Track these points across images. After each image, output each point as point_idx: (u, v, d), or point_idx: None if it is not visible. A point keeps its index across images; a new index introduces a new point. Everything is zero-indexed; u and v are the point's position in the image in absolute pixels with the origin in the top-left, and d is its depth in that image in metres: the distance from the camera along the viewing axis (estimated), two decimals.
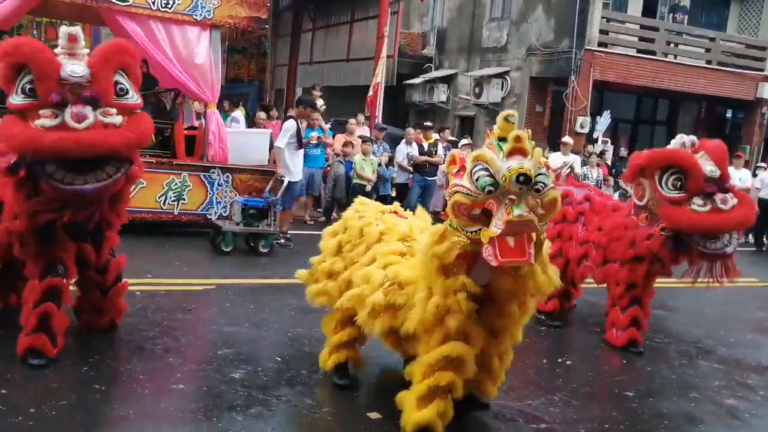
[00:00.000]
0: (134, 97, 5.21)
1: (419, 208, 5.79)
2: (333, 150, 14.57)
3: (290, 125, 11.16)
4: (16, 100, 4.94)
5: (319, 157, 13.92)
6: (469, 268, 4.37)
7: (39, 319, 5.25)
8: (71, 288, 5.72)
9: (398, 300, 4.65)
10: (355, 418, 4.97)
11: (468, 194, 4.10)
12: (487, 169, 4.05)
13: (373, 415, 4.99)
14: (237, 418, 4.74)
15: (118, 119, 4.98)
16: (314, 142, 13.60)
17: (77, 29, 5.17)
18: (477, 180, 4.06)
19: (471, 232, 4.16)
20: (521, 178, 3.95)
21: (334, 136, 15.04)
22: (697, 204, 6.69)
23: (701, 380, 6.83)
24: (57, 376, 5.10)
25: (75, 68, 4.91)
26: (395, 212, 5.58)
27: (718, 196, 6.67)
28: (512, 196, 3.98)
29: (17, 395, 4.77)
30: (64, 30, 5.13)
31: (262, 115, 15.15)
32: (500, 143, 4.12)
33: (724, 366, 7.28)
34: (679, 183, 6.81)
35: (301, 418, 4.90)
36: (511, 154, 4.05)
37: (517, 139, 4.06)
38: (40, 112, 4.85)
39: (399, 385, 5.53)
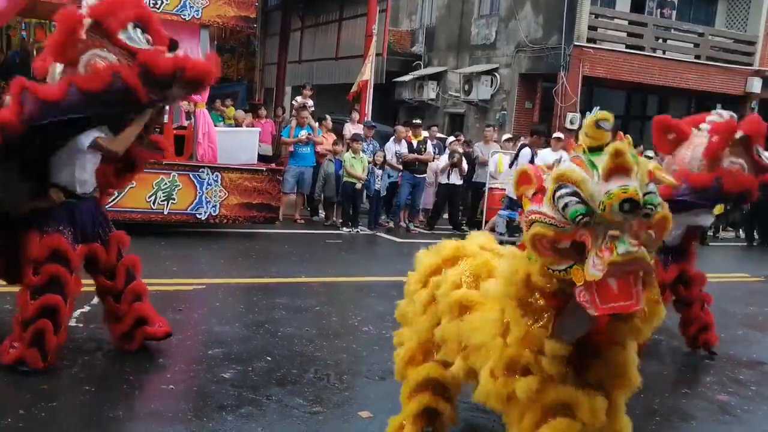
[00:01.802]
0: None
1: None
2: (321, 149, 14.56)
3: (527, 152, 12.99)
4: None
5: (309, 155, 13.94)
6: (558, 311, 3.37)
7: (33, 336, 5.11)
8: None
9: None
10: (346, 416, 4.96)
11: (552, 225, 3.15)
12: (576, 194, 3.09)
13: (364, 414, 4.98)
14: (227, 418, 4.72)
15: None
16: (304, 140, 13.61)
17: None
18: (564, 208, 3.10)
19: (559, 271, 3.21)
20: (626, 206, 3.00)
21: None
22: None
23: (692, 376, 6.85)
24: (46, 378, 5.07)
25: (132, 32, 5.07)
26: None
27: None
28: (614, 231, 3.03)
29: (6, 397, 4.74)
30: None
31: (240, 113, 15.24)
32: (591, 156, 3.18)
33: (715, 361, 7.29)
34: None
35: (291, 417, 4.88)
36: (610, 174, 3.07)
37: (617, 154, 3.06)
38: None
39: (389, 384, 5.54)
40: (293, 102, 17.82)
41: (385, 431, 4.32)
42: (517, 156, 13.80)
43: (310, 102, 15.96)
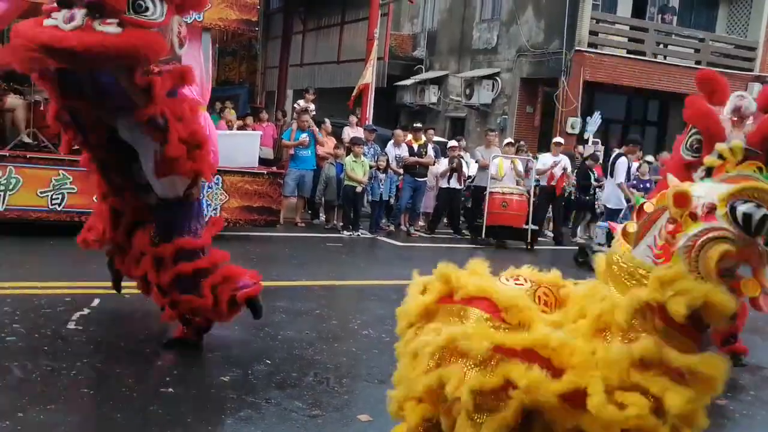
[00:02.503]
0: (155, 15, 4.95)
1: None
2: (322, 152, 14.57)
3: (623, 162, 13.52)
4: None
5: (309, 158, 13.94)
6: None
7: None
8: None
9: None
10: (345, 420, 4.96)
11: (734, 240, 2.91)
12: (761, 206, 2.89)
13: (363, 417, 4.98)
14: (226, 422, 4.72)
15: (112, 29, 4.76)
16: (306, 143, 13.63)
17: None
18: (749, 218, 2.88)
19: None
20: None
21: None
22: None
23: None
24: (45, 381, 5.07)
25: None
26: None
27: None
28: None
29: (4, 400, 4.73)
30: None
31: (228, 114, 15.26)
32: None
33: None
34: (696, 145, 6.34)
35: (290, 421, 4.88)
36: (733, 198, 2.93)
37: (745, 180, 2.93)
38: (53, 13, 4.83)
39: (389, 388, 5.53)
40: (295, 105, 17.83)
41: None
42: (613, 165, 13.80)
43: (312, 106, 15.96)
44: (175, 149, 5.33)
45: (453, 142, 15.53)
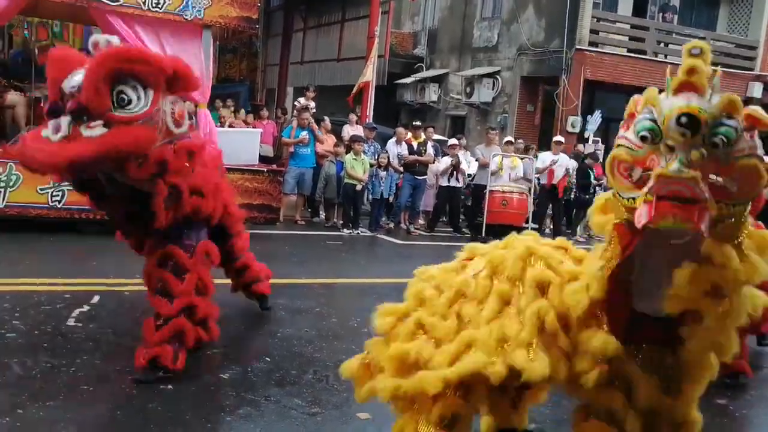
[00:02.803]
0: (138, 107, 4.73)
1: None
2: (322, 150, 14.56)
3: None
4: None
5: (309, 156, 13.94)
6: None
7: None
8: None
9: None
10: (345, 418, 4.96)
11: (629, 147, 3.00)
12: (650, 112, 2.94)
13: (363, 416, 4.97)
14: (226, 419, 4.72)
15: (98, 131, 4.59)
16: (306, 141, 13.64)
17: (102, 38, 4.96)
18: (636, 126, 2.97)
19: (627, 199, 3.00)
20: (683, 119, 2.78)
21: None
22: None
23: None
24: (44, 378, 5.07)
25: (74, 79, 4.67)
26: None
27: None
28: (671, 146, 2.83)
29: (4, 397, 4.73)
30: (92, 38, 5.01)
31: (224, 111, 15.24)
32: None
33: None
34: None
35: (290, 418, 4.88)
36: (679, 90, 2.91)
37: (691, 71, 2.93)
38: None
39: None
40: (295, 103, 17.84)
41: None
42: None
43: (313, 104, 15.96)
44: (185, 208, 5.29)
45: (453, 141, 15.53)
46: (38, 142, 4.63)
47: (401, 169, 14.66)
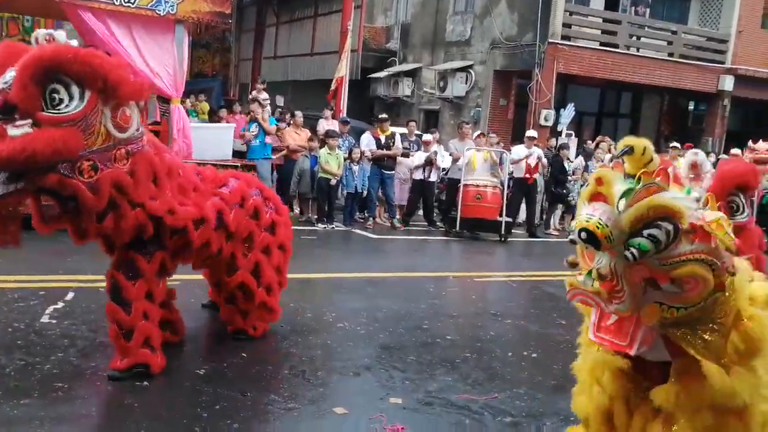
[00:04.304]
0: (69, 107, 4.51)
1: None
2: (294, 145, 14.53)
3: None
4: None
5: (259, 148, 13.78)
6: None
7: None
8: None
9: None
10: (321, 412, 4.97)
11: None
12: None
13: (339, 410, 4.99)
14: (202, 415, 4.72)
15: (24, 130, 4.40)
16: (254, 132, 13.59)
17: (42, 32, 4.74)
18: None
19: None
20: (582, 235, 2.81)
21: (277, 125, 14.86)
22: None
23: None
24: (19, 375, 5.05)
25: (8, 75, 4.47)
26: None
27: None
28: (573, 259, 3.04)
29: None
30: (37, 33, 4.76)
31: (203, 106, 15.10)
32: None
33: None
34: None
35: (266, 414, 4.89)
36: (590, 199, 2.92)
37: (598, 181, 2.91)
38: None
39: (364, 380, 5.58)
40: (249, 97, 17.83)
41: (359, 427, 4.33)
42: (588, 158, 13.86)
43: (264, 95, 15.80)
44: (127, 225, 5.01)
45: (428, 136, 15.54)
46: None
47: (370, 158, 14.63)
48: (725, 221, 2.96)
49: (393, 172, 14.86)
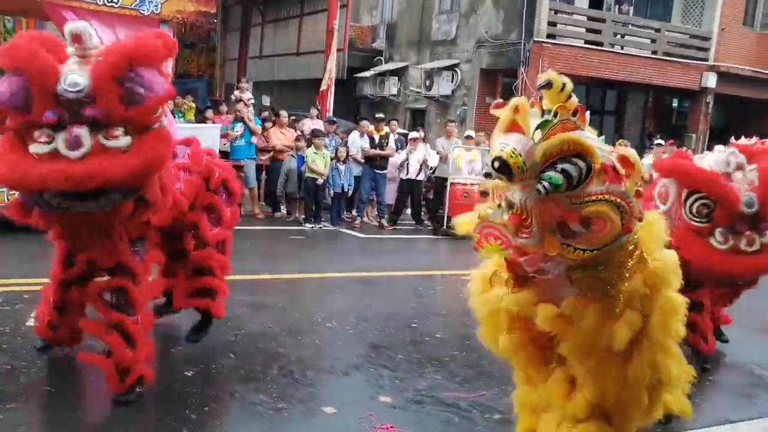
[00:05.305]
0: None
1: None
2: (281, 145, 14.51)
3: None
4: None
5: (243, 148, 13.81)
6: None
7: None
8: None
9: None
10: (310, 412, 4.96)
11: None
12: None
13: (328, 409, 4.98)
14: (191, 416, 4.69)
15: (123, 142, 4.09)
16: (239, 132, 13.58)
17: (82, 25, 4.25)
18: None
19: None
20: (495, 164, 2.84)
21: (263, 125, 14.84)
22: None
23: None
24: (6, 380, 5.01)
25: (75, 79, 4.01)
26: None
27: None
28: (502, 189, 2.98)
29: None
30: (68, 28, 4.25)
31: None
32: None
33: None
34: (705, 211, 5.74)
35: (255, 414, 4.87)
36: (505, 129, 2.97)
37: (515, 109, 2.98)
38: (36, 133, 4.04)
39: (353, 379, 5.56)
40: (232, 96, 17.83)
41: (349, 426, 4.31)
42: None
43: (248, 95, 15.79)
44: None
45: (414, 134, 15.54)
46: (53, 162, 3.98)
47: (362, 161, 14.62)
48: (635, 159, 3.01)
49: (386, 171, 14.85)
